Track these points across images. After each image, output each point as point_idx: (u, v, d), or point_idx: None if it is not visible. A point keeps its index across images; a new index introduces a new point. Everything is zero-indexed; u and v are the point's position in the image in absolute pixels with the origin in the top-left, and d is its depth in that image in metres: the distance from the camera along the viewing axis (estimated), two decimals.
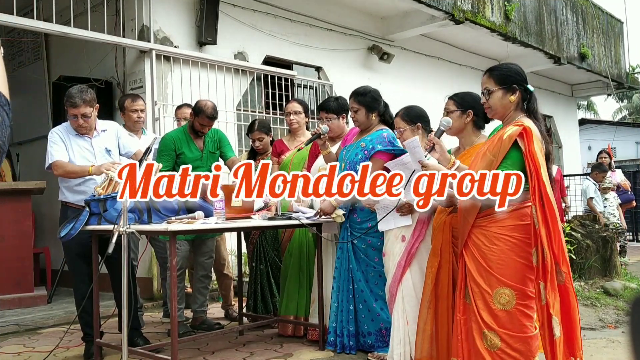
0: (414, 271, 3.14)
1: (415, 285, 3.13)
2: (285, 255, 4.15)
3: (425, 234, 3.16)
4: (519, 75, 2.58)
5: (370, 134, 3.61)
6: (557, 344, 2.32)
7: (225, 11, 6.31)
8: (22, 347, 4.03)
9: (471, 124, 2.98)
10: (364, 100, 3.59)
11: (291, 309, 4.02)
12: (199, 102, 4.26)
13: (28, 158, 6.92)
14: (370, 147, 3.54)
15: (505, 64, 2.67)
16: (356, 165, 3.49)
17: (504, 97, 2.56)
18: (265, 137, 4.59)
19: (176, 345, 3.04)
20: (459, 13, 7.86)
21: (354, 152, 3.59)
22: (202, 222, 3.24)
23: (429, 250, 3.06)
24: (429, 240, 3.11)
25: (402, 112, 3.37)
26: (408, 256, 3.15)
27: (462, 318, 2.57)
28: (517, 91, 2.55)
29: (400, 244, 3.20)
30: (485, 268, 2.46)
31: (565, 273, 2.38)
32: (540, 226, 2.33)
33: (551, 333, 2.33)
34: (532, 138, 2.40)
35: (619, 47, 12.95)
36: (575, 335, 2.41)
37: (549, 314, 2.32)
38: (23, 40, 7.46)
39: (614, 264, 6.05)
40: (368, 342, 3.51)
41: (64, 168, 3.54)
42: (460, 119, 2.96)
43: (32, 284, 5.46)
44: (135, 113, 4.44)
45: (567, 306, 2.39)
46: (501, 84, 2.56)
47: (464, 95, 3.02)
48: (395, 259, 3.20)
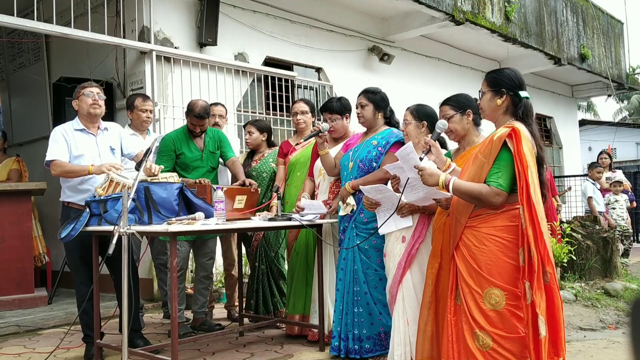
0: (414, 272, 3.14)
1: (415, 286, 3.12)
2: (292, 255, 4.14)
3: (426, 234, 3.15)
4: (510, 81, 2.60)
5: (379, 132, 3.62)
6: (542, 343, 2.33)
7: (226, 12, 6.31)
8: (23, 348, 4.03)
9: (472, 123, 2.99)
10: (374, 98, 3.61)
11: (299, 308, 4.02)
12: (190, 102, 4.29)
13: (28, 159, 6.91)
14: (384, 142, 3.54)
15: (503, 68, 2.70)
16: (371, 162, 3.52)
17: (492, 99, 2.61)
18: (256, 132, 4.59)
19: (176, 346, 3.04)
20: (459, 14, 7.86)
21: (365, 150, 3.59)
22: (202, 223, 3.23)
23: (430, 251, 3.07)
24: (429, 241, 3.11)
25: (413, 108, 3.36)
26: (408, 257, 3.15)
27: (452, 319, 2.57)
28: (505, 95, 2.59)
29: (401, 244, 3.20)
30: (475, 268, 2.47)
31: (550, 273, 2.39)
32: (527, 226, 2.36)
33: (536, 332, 2.33)
34: (521, 139, 2.42)
35: (619, 47, 12.96)
36: (559, 335, 2.42)
37: (535, 314, 2.33)
38: (23, 42, 7.47)
39: (614, 265, 6.05)
40: (365, 347, 3.45)
41: (62, 168, 3.54)
42: (462, 122, 2.97)
43: (33, 285, 5.46)
44: (145, 113, 4.49)
45: (552, 306, 2.40)
46: (491, 86, 2.63)
47: (457, 97, 3.03)
48: (396, 259, 3.20)
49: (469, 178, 2.54)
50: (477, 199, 2.47)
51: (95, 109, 3.66)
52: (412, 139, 3.27)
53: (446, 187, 2.54)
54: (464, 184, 2.52)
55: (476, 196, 2.46)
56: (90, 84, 3.76)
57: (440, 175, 2.58)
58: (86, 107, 3.65)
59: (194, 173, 4.18)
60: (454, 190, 2.52)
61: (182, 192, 3.56)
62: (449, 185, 2.52)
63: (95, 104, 3.66)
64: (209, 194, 3.68)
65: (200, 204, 3.56)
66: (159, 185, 3.49)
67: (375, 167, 3.52)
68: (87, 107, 3.64)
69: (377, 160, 3.53)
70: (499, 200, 2.44)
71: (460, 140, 3.04)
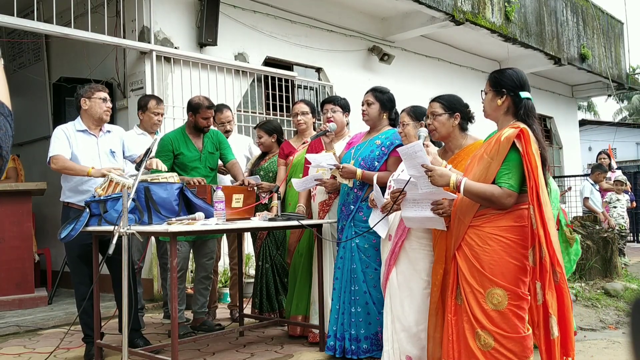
0: (400, 271, 3.12)
1: (400, 285, 3.10)
2: (295, 255, 4.14)
3: (408, 233, 3.11)
4: (511, 82, 2.60)
5: (383, 132, 3.61)
6: (554, 343, 2.32)
7: (226, 12, 6.31)
8: (23, 348, 4.02)
9: (458, 126, 2.99)
10: (381, 97, 3.62)
11: (301, 309, 4.01)
12: (191, 100, 4.31)
13: (28, 159, 6.92)
14: (387, 143, 3.54)
15: (506, 69, 2.70)
16: (374, 161, 3.51)
17: (493, 99, 2.62)
18: (264, 136, 4.61)
19: (176, 346, 3.04)
20: (459, 14, 7.86)
21: (368, 149, 3.59)
22: (202, 223, 3.23)
23: (414, 251, 3.06)
24: (412, 240, 3.09)
25: (408, 109, 3.36)
26: (392, 255, 3.14)
27: (452, 319, 2.57)
28: (506, 96, 2.59)
29: (388, 243, 3.22)
30: (478, 268, 2.46)
31: (560, 273, 2.39)
32: (538, 226, 2.34)
33: (547, 333, 2.33)
34: (530, 140, 2.42)
35: (619, 47, 12.95)
36: (569, 335, 2.42)
37: (547, 314, 2.33)
38: (23, 42, 7.47)
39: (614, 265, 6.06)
40: (363, 347, 3.44)
41: (62, 163, 3.54)
42: (448, 122, 2.96)
43: (33, 285, 5.45)
44: (157, 116, 4.55)
45: (562, 306, 2.40)
46: (493, 87, 2.63)
47: (449, 98, 3.02)
48: (384, 257, 3.23)
49: (474, 178, 2.52)
50: (488, 200, 2.45)
51: (108, 115, 3.75)
52: (410, 139, 3.26)
53: (457, 187, 2.51)
54: (475, 185, 2.49)
55: (488, 197, 2.44)
56: (102, 87, 3.81)
57: (451, 175, 2.54)
58: (100, 112, 3.71)
59: (193, 173, 4.18)
60: (465, 192, 2.49)
61: (182, 192, 3.56)
62: (460, 186, 2.49)
63: (108, 111, 3.75)
64: (209, 194, 3.68)
65: (200, 204, 3.56)
66: (159, 185, 3.49)
67: (377, 166, 3.51)
68: (100, 112, 3.71)
69: (380, 160, 3.53)
70: (511, 201, 2.44)
71: (443, 141, 3.04)
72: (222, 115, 4.79)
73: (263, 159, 4.68)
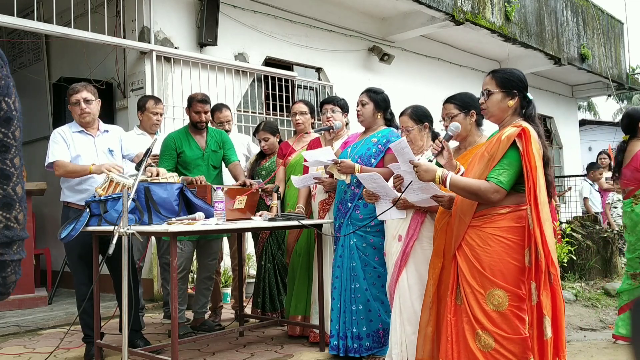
0: (410, 272, 3.12)
1: (410, 287, 3.10)
2: (293, 256, 4.14)
3: (420, 233, 3.13)
4: (520, 82, 2.58)
5: (379, 131, 3.63)
6: (547, 344, 2.32)
7: (226, 12, 6.31)
8: (23, 348, 4.02)
9: (474, 123, 2.97)
10: (375, 97, 3.63)
11: (300, 309, 4.02)
12: (189, 96, 4.35)
13: (28, 159, 6.90)
14: (384, 141, 3.55)
15: (510, 69, 2.65)
16: (370, 158, 3.53)
17: (503, 100, 2.56)
18: (271, 137, 4.62)
19: (177, 346, 3.04)
20: (459, 14, 7.86)
21: (365, 147, 3.60)
22: (202, 223, 3.23)
23: (425, 251, 3.06)
24: (423, 240, 3.09)
25: (409, 111, 3.32)
26: (403, 256, 3.14)
27: (452, 319, 2.56)
28: (517, 97, 2.56)
29: (397, 243, 3.20)
30: (478, 269, 2.45)
31: (554, 275, 2.38)
32: (534, 227, 2.34)
33: (541, 333, 2.33)
34: (531, 139, 2.40)
35: (620, 47, 12.95)
36: (561, 336, 2.42)
37: (541, 314, 2.32)
38: (23, 42, 7.47)
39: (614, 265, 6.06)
40: (365, 344, 3.44)
41: (65, 168, 3.55)
42: (464, 122, 2.93)
43: (33, 285, 5.45)
44: (156, 116, 4.57)
45: (555, 307, 2.40)
46: (502, 87, 2.57)
47: (462, 97, 2.99)
48: (393, 258, 3.21)
49: (474, 176, 2.50)
50: (475, 194, 2.44)
51: (85, 117, 3.65)
52: (417, 143, 3.24)
53: (443, 182, 2.50)
54: (462, 179, 2.48)
55: (474, 192, 2.43)
56: (81, 87, 3.65)
57: (436, 170, 2.53)
58: (77, 117, 3.67)
59: (195, 172, 4.18)
60: (451, 186, 2.48)
61: (182, 192, 3.57)
62: (445, 180, 2.48)
63: (83, 113, 3.63)
64: (209, 194, 3.68)
65: (200, 204, 3.56)
66: (159, 185, 3.49)
67: (373, 163, 3.53)
68: (77, 117, 3.67)
69: (376, 157, 3.54)
70: (497, 197, 2.42)
71: (462, 140, 3.02)
72: (221, 114, 4.80)
73: (264, 159, 4.69)
